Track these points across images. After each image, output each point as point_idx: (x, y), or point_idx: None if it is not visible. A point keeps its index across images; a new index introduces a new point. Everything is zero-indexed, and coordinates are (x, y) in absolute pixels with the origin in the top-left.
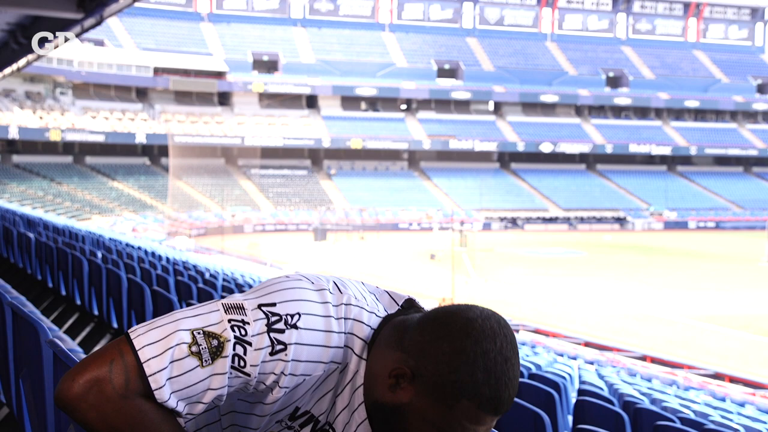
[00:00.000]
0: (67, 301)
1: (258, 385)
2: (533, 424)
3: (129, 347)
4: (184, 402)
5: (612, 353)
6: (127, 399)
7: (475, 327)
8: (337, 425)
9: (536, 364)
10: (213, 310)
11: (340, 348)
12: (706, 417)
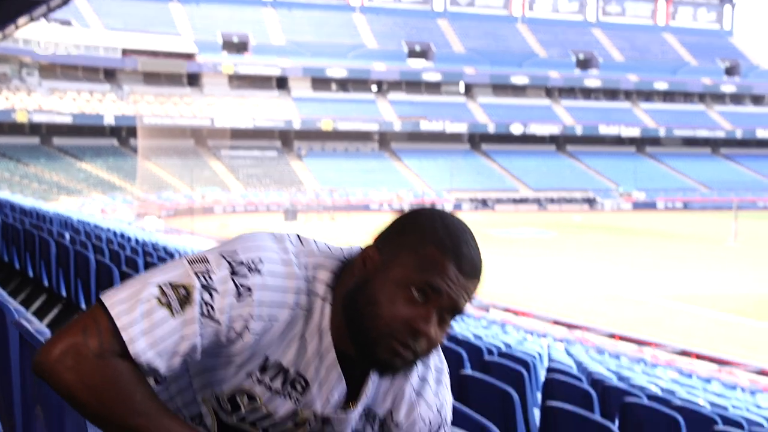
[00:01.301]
0: (35, 282)
1: (229, 333)
2: (503, 401)
3: (101, 310)
4: (161, 357)
5: (581, 332)
6: (103, 359)
7: (434, 210)
8: (308, 376)
9: (506, 343)
10: (178, 265)
11: (304, 292)
12: (673, 393)
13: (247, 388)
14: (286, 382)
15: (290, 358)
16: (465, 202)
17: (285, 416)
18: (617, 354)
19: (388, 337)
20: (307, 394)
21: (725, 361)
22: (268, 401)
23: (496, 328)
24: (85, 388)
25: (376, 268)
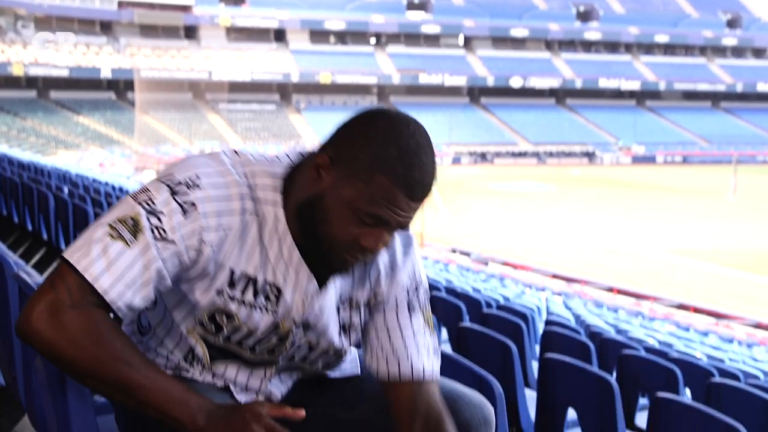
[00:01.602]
0: (34, 236)
1: (188, 252)
2: (501, 353)
3: (65, 265)
4: (131, 288)
5: (579, 285)
6: (76, 308)
7: (389, 113)
8: (278, 282)
9: (504, 296)
10: (122, 202)
11: (248, 197)
12: (671, 346)
13: (221, 306)
14: (257, 293)
15: (255, 265)
16: (464, 155)
17: (266, 330)
18: (615, 307)
19: (339, 250)
20: (281, 303)
21: (723, 314)
22: (246, 318)
23: (494, 281)
24: (64, 341)
25: (329, 186)
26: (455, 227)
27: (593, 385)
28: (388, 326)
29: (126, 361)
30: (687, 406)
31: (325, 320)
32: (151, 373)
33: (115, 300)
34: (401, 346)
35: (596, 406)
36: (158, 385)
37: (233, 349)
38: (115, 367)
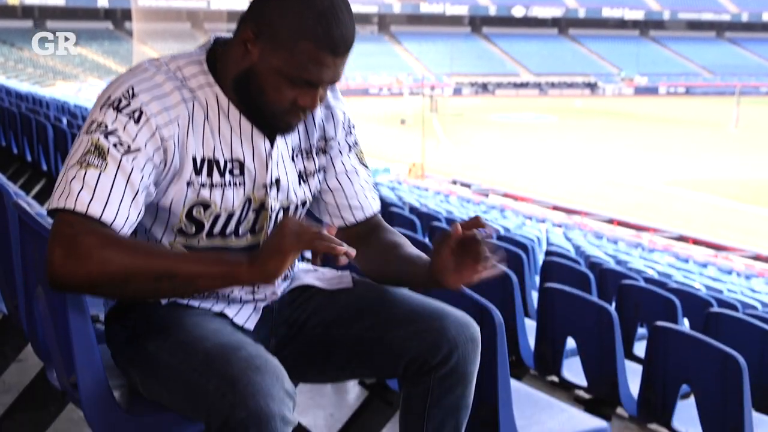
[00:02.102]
0: (33, 167)
1: (156, 154)
2: (501, 283)
3: (57, 214)
4: (122, 206)
5: (579, 217)
6: (84, 235)
7: None
8: (237, 155)
9: (505, 227)
10: (78, 141)
11: (185, 88)
12: (670, 277)
13: (194, 198)
14: (222, 172)
15: (211, 147)
16: (465, 86)
17: (241, 206)
18: (615, 239)
19: (280, 114)
20: (246, 173)
21: (722, 246)
22: (220, 200)
23: (495, 213)
24: (92, 267)
25: (257, 58)
26: (456, 159)
27: (592, 315)
28: (339, 180)
29: (153, 252)
30: (685, 335)
31: (286, 173)
32: (180, 254)
33: (111, 220)
34: (353, 196)
35: (595, 335)
36: (193, 258)
37: (218, 243)
38: (148, 261)
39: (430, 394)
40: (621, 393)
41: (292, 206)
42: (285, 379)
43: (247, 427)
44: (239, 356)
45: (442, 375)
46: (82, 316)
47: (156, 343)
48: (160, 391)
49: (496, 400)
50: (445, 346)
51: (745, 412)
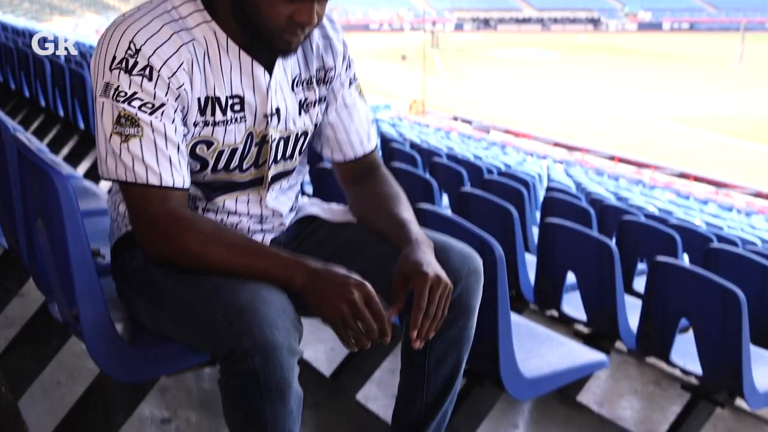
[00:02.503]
0: (32, 103)
1: (178, 103)
2: (502, 218)
3: (122, 187)
4: (174, 165)
5: (581, 153)
6: (160, 221)
7: None
8: (237, 90)
9: (506, 164)
10: (102, 110)
11: (184, 28)
12: (670, 214)
13: (198, 137)
14: (224, 109)
15: (212, 85)
16: (467, 21)
17: (244, 141)
18: (616, 176)
19: (279, 33)
20: (246, 108)
21: (723, 183)
22: (223, 137)
23: (496, 149)
24: (177, 255)
25: None
26: (457, 95)
27: (593, 249)
28: (339, 114)
29: (219, 240)
30: (685, 270)
31: (285, 103)
32: (246, 243)
33: (170, 183)
34: (352, 131)
35: (595, 269)
36: (264, 254)
37: (223, 178)
38: (221, 253)
39: None
40: (620, 327)
41: (292, 136)
42: (291, 310)
43: (252, 356)
44: (246, 287)
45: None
46: (82, 248)
47: (163, 273)
48: (165, 321)
49: (496, 333)
50: (449, 277)
51: (744, 346)
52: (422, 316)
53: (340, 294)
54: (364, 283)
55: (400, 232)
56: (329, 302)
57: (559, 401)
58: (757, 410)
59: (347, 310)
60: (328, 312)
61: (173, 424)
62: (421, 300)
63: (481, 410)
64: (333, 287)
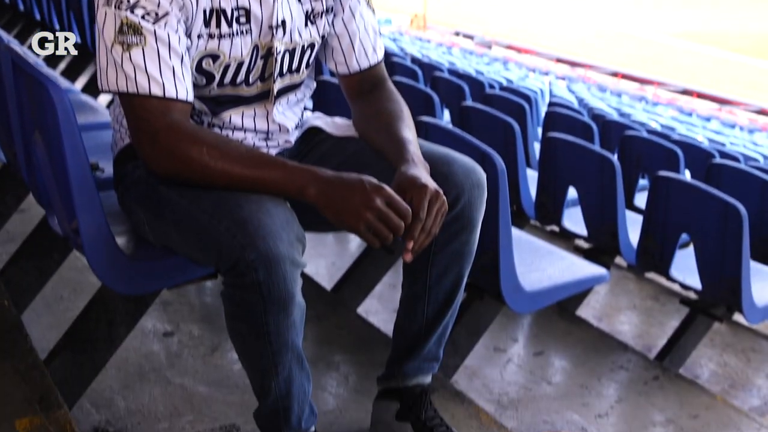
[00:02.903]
0: (26, 17)
1: (180, 12)
2: (504, 132)
3: (119, 100)
4: (177, 75)
5: (583, 69)
6: (162, 132)
7: None
8: (245, 2)
9: (508, 79)
10: (104, 20)
11: None
12: (673, 130)
13: (203, 51)
14: (230, 22)
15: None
16: None
17: (250, 54)
18: (619, 92)
19: None
20: (252, 20)
21: (726, 100)
22: (229, 50)
23: (498, 65)
24: (181, 169)
25: None
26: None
27: (595, 164)
28: (346, 24)
29: (224, 152)
30: (687, 184)
31: (291, 14)
32: (252, 154)
33: (173, 94)
34: (359, 42)
35: (597, 184)
36: (263, 162)
37: (229, 92)
38: (218, 163)
39: (435, 241)
40: (621, 242)
41: (298, 48)
42: (295, 222)
43: (256, 268)
44: (250, 199)
45: (448, 221)
46: (80, 160)
47: (166, 184)
48: (168, 233)
49: (497, 246)
50: (451, 192)
51: (743, 260)
52: (420, 228)
53: (362, 202)
54: (381, 185)
55: (398, 151)
56: (352, 212)
57: (559, 316)
58: (754, 325)
59: (372, 217)
60: (351, 222)
61: (175, 338)
62: (421, 211)
63: (481, 324)
64: (352, 196)
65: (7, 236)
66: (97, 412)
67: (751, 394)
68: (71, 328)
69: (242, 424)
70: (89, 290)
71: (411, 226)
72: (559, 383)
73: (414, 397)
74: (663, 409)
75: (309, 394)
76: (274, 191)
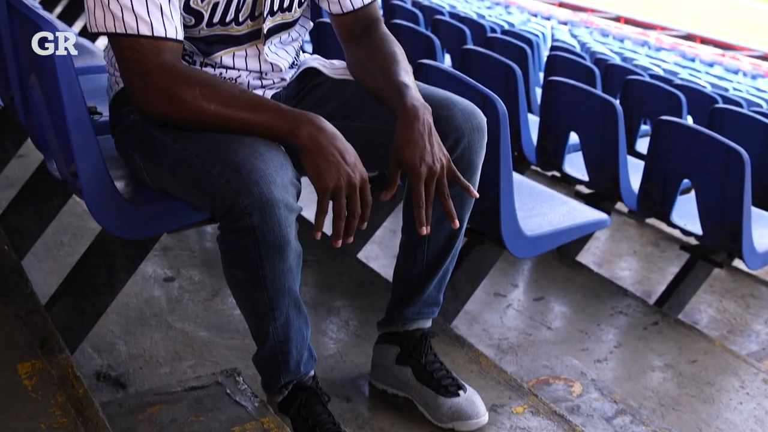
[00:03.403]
0: None
1: None
2: (505, 77)
3: (109, 41)
4: (165, 15)
5: (586, 14)
6: (153, 72)
7: None
8: None
9: (509, 23)
10: None
11: None
12: (675, 75)
13: None
14: None
15: None
16: None
17: None
18: (622, 37)
19: None
20: None
21: (729, 45)
22: None
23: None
24: (174, 111)
25: None
26: None
27: (597, 108)
28: None
29: (216, 93)
30: (689, 129)
31: None
32: (244, 96)
33: (162, 33)
34: None
35: (599, 129)
36: (256, 104)
37: (219, 32)
38: (210, 104)
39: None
40: (622, 187)
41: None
42: (289, 166)
43: (250, 213)
44: (243, 143)
45: None
46: (77, 103)
47: (161, 128)
48: (164, 177)
49: (498, 190)
50: (451, 135)
51: (745, 205)
52: (422, 213)
53: (346, 169)
54: (364, 171)
55: (397, 97)
56: (332, 170)
57: (559, 261)
58: (754, 271)
59: (344, 185)
60: (325, 177)
61: (176, 283)
62: (419, 198)
63: (481, 269)
64: (341, 158)
65: (6, 181)
66: (99, 357)
67: (749, 339)
68: (71, 273)
69: (243, 368)
70: (89, 236)
71: (415, 212)
72: (558, 328)
73: (414, 341)
74: (662, 354)
75: (307, 338)
76: (267, 133)
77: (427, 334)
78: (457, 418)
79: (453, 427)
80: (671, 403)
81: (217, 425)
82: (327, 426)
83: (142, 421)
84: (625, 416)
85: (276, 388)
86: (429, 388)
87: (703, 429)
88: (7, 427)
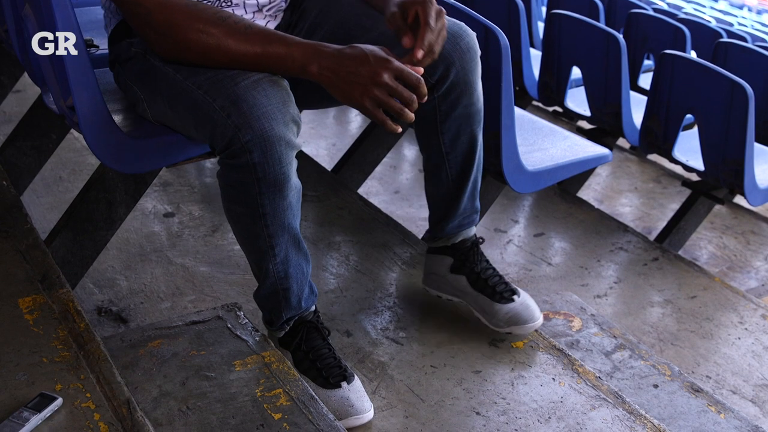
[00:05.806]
0: None
1: None
2: (508, 9)
3: None
4: None
5: None
6: (155, 11)
7: None
8: None
9: None
10: None
11: None
12: (680, 9)
13: None
14: None
15: None
16: None
17: None
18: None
19: None
20: None
21: None
22: None
23: None
24: (192, 31)
25: None
26: None
27: (600, 42)
28: None
29: (222, 27)
30: (693, 63)
31: None
32: (251, 29)
33: None
34: None
35: (602, 63)
36: (263, 38)
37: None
38: (215, 39)
39: (438, 112)
40: (624, 122)
41: None
42: (291, 102)
43: (251, 149)
44: (246, 77)
45: (444, 92)
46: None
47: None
48: (164, 110)
49: (499, 124)
50: (440, 65)
51: (748, 140)
52: (429, 37)
53: (369, 79)
54: (387, 58)
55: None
56: (358, 89)
57: (560, 197)
58: (755, 207)
59: (380, 94)
60: (358, 99)
61: (176, 218)
62: (429, 19)
63: (482, 204)
64: (358, 72)
65: (3, 117)
66: (100, 292)
67: (749, 275)
68: (71, 208)
69: (243, 303)
70: (88, 171)
71: (422, 33)
72: (558, 264)
73: (464, 251)
74: (661, 290)
75: (308, 274)
76: (275, 69)
77: (476, 242)
78: (513, 323)
79: (511, 332)
80: (670, 338)
81: (218, 359)
82: (327, 360)
83: (143, 355)
84: (624, 351)
85: (277, 324)
86: (484, 295)
87: (701, 364)
88: (9, 360)
